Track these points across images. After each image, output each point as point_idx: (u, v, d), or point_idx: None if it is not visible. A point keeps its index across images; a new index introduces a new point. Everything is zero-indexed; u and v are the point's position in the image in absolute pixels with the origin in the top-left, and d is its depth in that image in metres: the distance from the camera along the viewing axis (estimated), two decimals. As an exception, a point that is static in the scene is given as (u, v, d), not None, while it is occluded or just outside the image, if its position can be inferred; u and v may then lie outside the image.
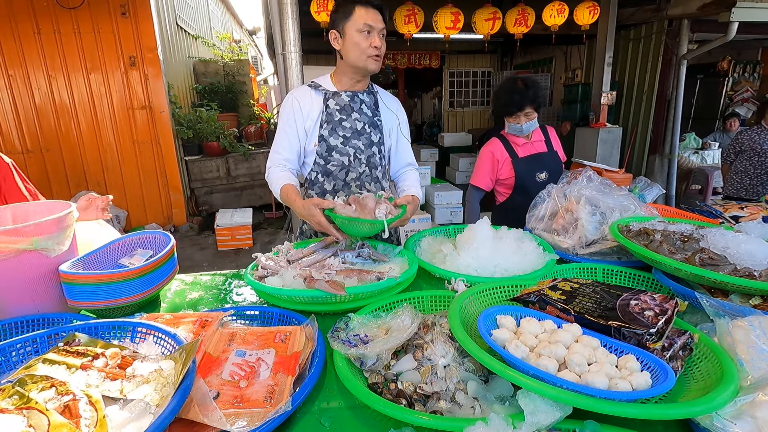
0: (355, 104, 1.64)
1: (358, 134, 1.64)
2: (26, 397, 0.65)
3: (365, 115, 1.65)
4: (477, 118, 9.86)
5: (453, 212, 5.60)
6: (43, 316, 1.08)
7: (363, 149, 1.65)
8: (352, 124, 1.63)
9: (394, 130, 1.75)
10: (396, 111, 1.74)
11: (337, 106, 1.62)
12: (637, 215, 1.45)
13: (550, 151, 2.26)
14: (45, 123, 5.10)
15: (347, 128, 1.63)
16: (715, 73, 7.63)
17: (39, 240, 1.06)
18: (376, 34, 1.50)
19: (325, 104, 1.61)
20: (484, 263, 1.32)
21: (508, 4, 4.83)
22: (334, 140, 1.62)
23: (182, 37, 7.11)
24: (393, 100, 1.77)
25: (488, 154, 2.23)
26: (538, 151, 2.23)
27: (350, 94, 1.63)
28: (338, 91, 1.63)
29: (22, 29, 4.78)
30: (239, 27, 13.66)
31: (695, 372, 0.79)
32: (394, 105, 1.75)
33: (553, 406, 0.66)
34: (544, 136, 2.28)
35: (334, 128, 1.62)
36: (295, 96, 1.64)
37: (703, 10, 4.45)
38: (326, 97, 1.62)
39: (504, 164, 2.20)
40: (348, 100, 1.63)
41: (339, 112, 1.62)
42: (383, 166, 1.76)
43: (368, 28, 1.48)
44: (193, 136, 5.80)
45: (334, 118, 1.61)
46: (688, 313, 1.04)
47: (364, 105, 1.65)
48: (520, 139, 2.21)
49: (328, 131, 1.62)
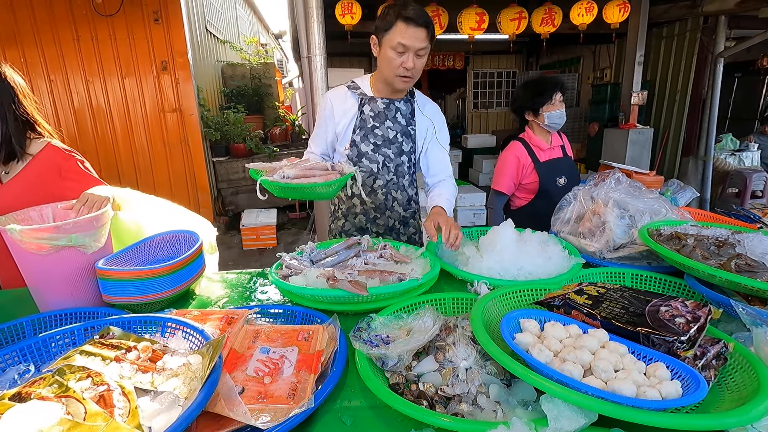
0: (390, 112, 1.62)
1: (389, 143, 1.64)
2: (65, 386, 0.69)
3: (399, 124, 1.64)
4: (501, 119, 9.73)
5: (476, 214, 5.54)
6: (79, 309, 1.13)
7: (393, 158, 1.65)
8: (385, 132, 1.63)
9: (429, 137, 1.71)
10: (431, 116, 1.70)
11: (371, 112, 1.61)
12: (669, 219, 1.40)
13: (565, 157, 2.25)
14: (82, 126, 5.33)
15: (379, 136, 1.62)
16: (755, 71, 7.29)
17: (77, 237, 1.11)
18: (411, 54, 1.45)
19: (360, 110, 1.61)
20: (508, 266, 1.30)
21: (534, 3, 4.75)
22: (365, 147, 1.63)
23: (211, 42, 7.31)
24: (430, 106, 1.73)
25: (513, 158, 2.18)
26: (557, 156, 2.22)
27: (386, 101, 1.62)
28: (375, 97, 1.62)
29: (63, 36, 5.01)
30: (266, 31, 13.93)
31: (729, 382, 0.76)
32: (430, 110, 1.71)
33: (578, 412, 0.65)
34: (560, 141, 2.27)
35: (366, 135, 1.62)
36: (330, 98, 1.65)
37: (741, 5, 4.26)
38: (362, 102, 1.61)
39: (528, 168, 2.17)
40: (383, 107, 1.61)
41: (373, 119, 1.61)
42: (411, 174, 1.75)
43: (403, 48, 1.43)
44: (220, 138, 5.96)
45: (367, 124, 1.61)
46: (723, 321, 1.00)
47: (399, 113, 1.64)
48: (543, 143, 2.18)
49: (360, 137, 1.62)
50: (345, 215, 1.79)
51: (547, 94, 2.08)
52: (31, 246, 1.06)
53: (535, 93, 2.12)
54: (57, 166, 1.45)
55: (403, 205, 1.76)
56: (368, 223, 1.76)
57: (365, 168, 1.64)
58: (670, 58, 5.69)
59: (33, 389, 0.68)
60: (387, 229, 1.77)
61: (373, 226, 1.76)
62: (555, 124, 2.14)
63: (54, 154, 1.46)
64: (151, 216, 1.49)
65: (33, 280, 1.16)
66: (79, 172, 1.48)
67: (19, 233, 1.04)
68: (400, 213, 1.76)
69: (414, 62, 1.46)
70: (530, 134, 2.20)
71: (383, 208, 1.73)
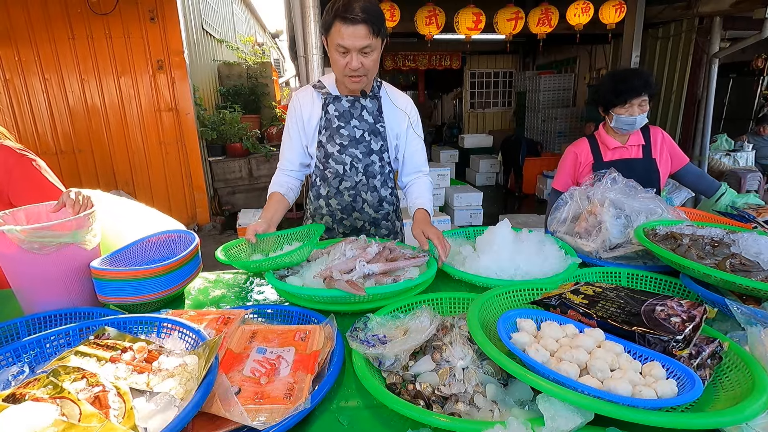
0: (356, 110, 1.55)
1: (356, 142, 1.57)
2: (60, 387, 0.68)
3: (366, 122, 1.56)
4: (498, 119, 9.77)
5: (473, 214, 5.56)
6: (74, 310, 1.12)
7: (360, 158, 1.59)
8: (351, 131, 1.56)
9: (404, 132, 1.63)
10: (406, 109, 1.63)
11: (336, 111, 1.54)
12: (664, 219, 1.41)
13: (645, 158, 1.95)
14: (77, 125, 5.30)
15: (345, 136, 1.56)
16: (749, 71, 7.34)
17: (79, 233, 1.11)
18: (355, 54, 1.35)
19: (324, 110, 1.55)
20: (504, 266, 1.31)
21: (531, 3, 4.77)
22: (331, 147, 1.57)
23: (207, 41, 7.28)
24: (402, 98, 1.64)
25: (571, 154, 2.05)
26: (629, 157, 1.96)
27: (351, 99, 1.55)
28: (339, 96, 1.55)
29: (58, 35, 4.98)
30: (262, 30, 13.90)
31: (724, 381, 0.77)
32: (402, 102, 1.63)
33: (574, 411, 0.65)
34: (645, 140, 1.97)
35: (332, 135, 1.55)
36: (298, 97, 1.59)
37: (736, 6, 4.29)
38: (326, 102, 1.55)
39: (585, 167, 2.00)
40: (348, 105, 1.55)
41: (338, 119, 1.55)
42: (385, 173, 1.66)
43: (343, 49, 1.35)
44: (216, 137, 5.94)
45: (332, 124, 1.55)
46: (718, 320, 1.01)
47: (365, 111, 1.56)
48: (614, 141, 1.95)
49: (326, 138, 1.56)
50: (312, 215, 1.74)
51: (623, 98, 1.83)
52: (33, 245, 1.05)
53: (616, 89, 1.86)
54: (7, 166, 1.43)
55: (373, 206, 1.68)
56: (335, 224, 1.70)
57: (332, 169, 1.59)
58: (665, 59, 5.73)
59: (27, 390, 0.68)
60: (354, 230, 1.71)
61: (340, 227, 1.70)
62: (623, 128, 1.90)
63: (5, 154, 1.44)
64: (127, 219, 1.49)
65: (18, 282, 1.14)
66: (31, 171, 1.46)
67: (20, 233, 1.03)
68: (370, 214, 1.69)
69: (360, 61, 1.37)
70: (601, 131, 2.01)
71: (350, 210, 1.67)
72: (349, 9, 1.29)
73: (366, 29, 1.31)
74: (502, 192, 8.03)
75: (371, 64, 1.40)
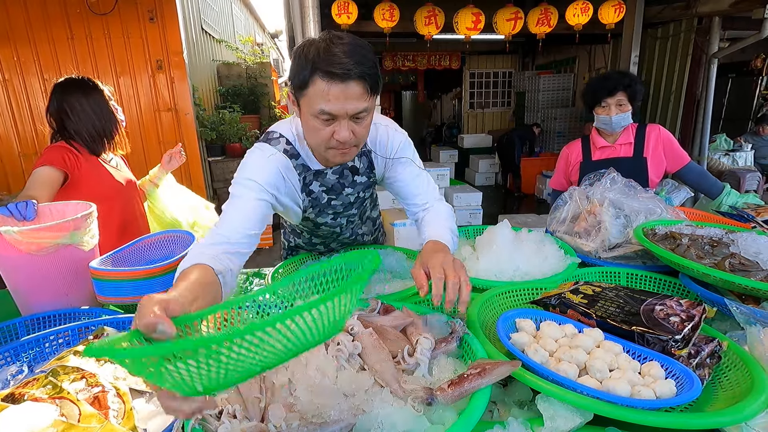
0: (346, 179, 1.24)
1: (351, 206, 1.33)
2: (59, 387, 0.68)
3: (360, 185, 1.28)
4: (497, 119, 9.77)
5: (472, 214, 5.55)
6: (74, 310, 1.12)
7: (356, 212, 1.39)
8: (344, 200, 1.29)
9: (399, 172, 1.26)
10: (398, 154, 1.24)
11: (322, 187, 1.23)
12: (664, 218, 1.41)
13: (635, 157, 1.95)
14: (77, 125, 5.29)
15: (338, 206, 1.30)
16: (748, 71, 7.35)
17: (77, 234, 1.11)
18: (344, 122, 0.96)
19: (306, 190, 1.20)
20: (504, 266, 1.30)
21: (530, 3, 4.77)
22: (322, 219, 1.31)
23: (207, 41, 7.28)
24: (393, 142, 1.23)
25: (564, 155, 2.13)
26: (616, 156, 1.98)
27: (338, 170, 1.21)
28: (322, 170, 1.20)
29: (57, 35, 4.98)
30: (262, 30, 13.90)
31: (724, 381, 0.77)
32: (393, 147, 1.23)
33: (573, 411, 0.65)
34: (637, 139, 1.97)
35: (322, 210, 1.28)
36: (278, 167, 1.12)
37: (735, 6, 4.29)
38: (306, 182, 1.19)
39: (574, 166, 2.05)
40: (336, 177, 1.23)
41: (326, 193, 1.25)
42: (373, 198, 1.51)
43: (328, 116, 0.95)
44: (216, 137, 5.94)
45: (320, 201, 1.25)
46: (717, 320, 1.01)
47: (356, 175, 1.25)
48: (602, 140, 2.00)
49: (315, 214, 1.29)
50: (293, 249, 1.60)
51: (605, 91, 1.89)
52: (30, 247, 1.05)
53: (595, 88, 1.95)
54: None
55: (370, 232, 1.60)
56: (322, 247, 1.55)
57: (326, 232, 1.42)
58: (664, 59, 5.73)
59: (27, 390, 0.68)
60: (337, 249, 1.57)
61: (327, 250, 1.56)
62: (604, 126, 1.97)
63: None
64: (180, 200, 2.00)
65: (16, 283, 1.14)
66: None
67: (17, 234, 1.03)
68: (368, 240, 1.61)
69: (351, 130, 0.98)
70: (593, 131, 2.07)
71: (347, 243, 1.56)
72: (334, 60, 0.89)
73: (360, 87, 0.93)
74: (501, 192, 8.04)
75: (364, 132, 1.02)
